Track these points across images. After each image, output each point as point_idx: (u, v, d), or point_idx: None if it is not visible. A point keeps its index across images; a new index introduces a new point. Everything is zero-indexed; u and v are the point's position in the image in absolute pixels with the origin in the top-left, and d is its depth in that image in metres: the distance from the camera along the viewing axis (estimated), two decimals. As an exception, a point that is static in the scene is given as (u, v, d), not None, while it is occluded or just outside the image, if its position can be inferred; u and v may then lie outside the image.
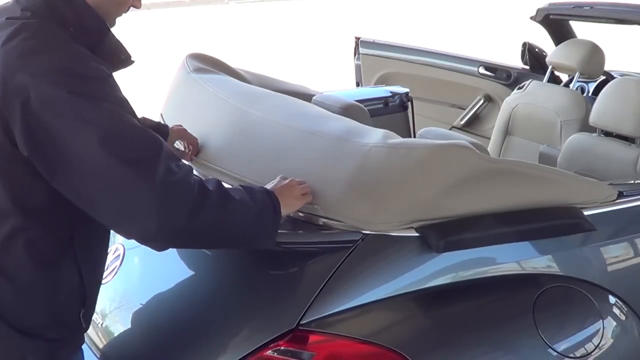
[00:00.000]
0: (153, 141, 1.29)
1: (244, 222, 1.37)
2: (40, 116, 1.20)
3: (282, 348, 1.39)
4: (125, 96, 1.33)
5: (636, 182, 2.20)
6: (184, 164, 1.33)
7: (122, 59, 1.42)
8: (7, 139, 1.25)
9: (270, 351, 1.39)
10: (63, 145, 1.21)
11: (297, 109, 1.86)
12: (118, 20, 1.43)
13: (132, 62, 1.45)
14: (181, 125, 1.86)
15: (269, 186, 1.49)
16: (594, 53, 3.41)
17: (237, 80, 2.17)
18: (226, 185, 1.39)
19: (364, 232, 1.49)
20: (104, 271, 1.54)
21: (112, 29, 1.42)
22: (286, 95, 2.01)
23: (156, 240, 1.29)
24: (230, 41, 11.91)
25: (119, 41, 1.42)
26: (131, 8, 1.44)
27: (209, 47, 9.50)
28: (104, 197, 1.24)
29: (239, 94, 1.95)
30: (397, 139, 1.58)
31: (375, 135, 1.59)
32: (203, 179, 1.34)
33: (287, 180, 1.51)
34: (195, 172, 1.38)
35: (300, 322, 1.40)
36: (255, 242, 1.43)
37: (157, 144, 1.28)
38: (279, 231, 1.51)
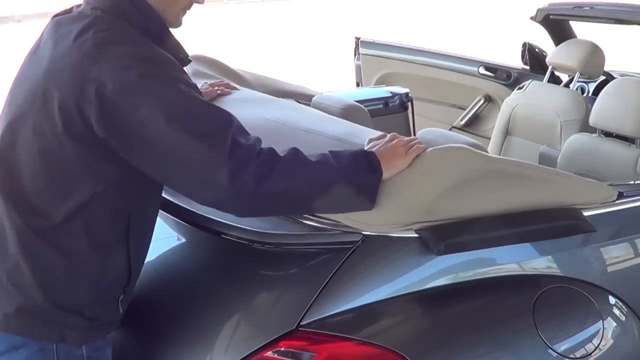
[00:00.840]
0: (221, 116, 1.38)
1: (326, 186, 1.40)
2: (116, 100, 1.29)
3: (282, 349, 1.39)
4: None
5: (636, 182, 2.19)
6: (253, 136, 1.40)
7: (181, 57, 1.50)
8: (82, 123, 1.32)
9: (270, 352, 1.39)
10: (138, 125, 1.30)
11: (294, 114, 1.86)
12: None
13: (190, 61, 1.55)
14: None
15: (374, 147, 1.50)
16: (594, 53, 3.41)
17: (234, 85, 2.17)
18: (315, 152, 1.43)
19: (363, 233, 1.50)
20: (144, 260, 1.57)
21: (176, 29, 1.51)
22: (284, 100, 2.01)
23: (231, 206, 1.38)
24: (230, 41, 11.91)
25: (178, 41, 1.51)
26: (194, 5, 1.50)
27: (209, 47, 9.50)
28: (177, 170, 1.35)
29: (238, 100, 1.95)
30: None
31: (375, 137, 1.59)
32: (275, 148, 1.39)
33: (393, 141, 1.52)
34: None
35: (300, 323, 1.40)
36: (354, 204, 1.44)
37: (225, 119, 1.37)
38: (279, 232, 1.52)
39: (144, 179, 1.40)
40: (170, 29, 1.49)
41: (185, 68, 2.14)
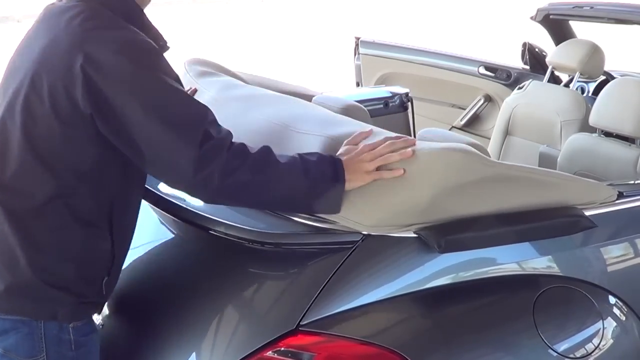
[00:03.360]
0: (196, 107, 1.44)
1: (290, 187, 1.45)
2: (101, 80, 1.35)
3: (282, 349, 1.39)
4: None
5: (636, 182, 2.20)
6: (225, 129, 1.45)
7: (161, 45, 1.54)
8: (69, 103, 1.37)
9: (270, 352, 1.39)
10: (119, 107, 1.36)
11: (298, 111, 1.86)
12: None
13: (168, 47, 1.58)
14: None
15: (344, 155, 1.52)
16: (594, 53, 3.41)
17: (237, 82, 2.17)
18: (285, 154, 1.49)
19: (363, 233, 1.50)
20: (128, 250, 1.60)
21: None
22: (287, 96, 2.01)
23: (197, 193, 1.47)
24: (229, 40, 11.91)
25: (157, 29, 1.56)
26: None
27: (209, 47, 9.50)
28: (150, 155, 1.41)
29: (239, 97, 1.95)
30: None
31: (375, 138, 1.59)
32: (246, 144, 1.46)
33: (357, 150, 1.52)
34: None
35: (300, 323, 1.40)
36: (314, 207, 1.49)
37: (199, 111, 1.44)
38: (279, 232, 1.52)
39: (125, 164, 1.46)
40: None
41: (187, 71, 2.16)
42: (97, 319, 1.68)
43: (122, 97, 1.36)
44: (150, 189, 1.75)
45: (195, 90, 2.02)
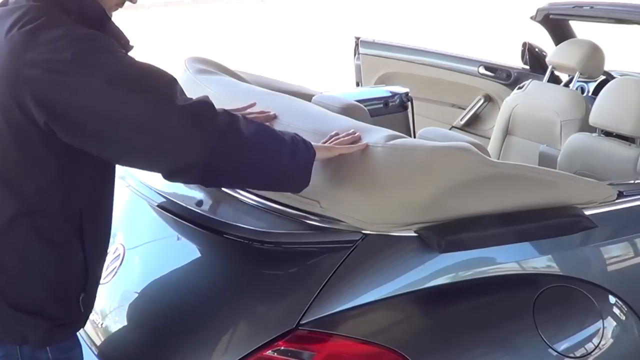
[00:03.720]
0: (164, 72, 1.34)
1: (276, 152, 1.40)
2: (53, 81, 1.25)
3: (282, 348, 1.39)
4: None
5: (636, 182, 2.19)
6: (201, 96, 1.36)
7: (122, 43, 1.44)
8: (21, 114, 1.27)
9: (270, 351, 1.39)
10: (82, 101, 1.25)
11: (298, 109, 1.86)
12: (119, 18, 1.47)
13: (132, 47, 1.47)
14: None
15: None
16: (594, 53, 3.41)
17: (237, 81, 2.17)
18: None
19: (364, 232, 1.50)
20: (105, 259, 1.54)
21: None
22: (286, 95, 2.01)
23: (196, 164, 1.31)
24: (229, 41, 11.90)
25: (118, 27, 1.45)
26: (127, 4, 1.48)
27: (209, 47, 9.50)
28: (134, 139, 1.28)
29: (239, 95, 1.95)
30: (398, 140, 1.58)
31: (376, 136, 1.59)
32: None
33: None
34: None
35: (300, 322, 1.40)
36: (292, 179, 1.45)
37: (169, 75, 1.33)
38: (279, 231, 1.52)
39: (91, 171, 1.39)
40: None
41: (187, 68, 2.15)
42: (95, 314, 1.68)
43: (81, 89, 1.25)
44: (150, 187, 1.75)
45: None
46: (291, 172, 1.44)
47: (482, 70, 4.19)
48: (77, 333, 1.52)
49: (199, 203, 1.78)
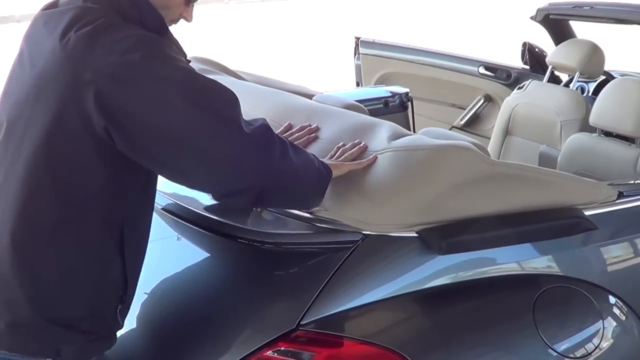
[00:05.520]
0: (230, 92, 1.31)
1: (312, 174, 1.42)
2: (117, 86, 1.20)
3: (282, 348, 1.39)
4: None
5: (636, 182, 2.19)
6: (257, 118, 1.36)
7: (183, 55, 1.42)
8: (79, 120, 1.23)
9: (270, 351, 1.39)
10: (145, 112, 1.22)
11: (300, 107, 1.86)
12: None
13: (189, 61, 1.42)
14: None
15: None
16: (594, 53, 3.41)
17: (238, 80, 2.17)
18: None
19: (364, 232, 1.50)
20: (141, 269, 1.49)
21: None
22: (288, 93, 2.01)
23: (251, 190, 1.32)
24: (229, 41, 11.90)
25: (176, 40, 1.42)
26: (182, 20, 1.45)
27: (209, 47, 9.49)
28: (194, 157, 1.25)
29: (241, 95, 1.95)
30: (399, 141, 1.58)
31: (379, 138, 1.59)
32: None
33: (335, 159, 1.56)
34: None
35: (301, 323, 1.40)
36: (315, 197, 1.46)
37: (234, 95, 1.31)
38: (279, 231, 1.52)
39: (138, 182, 1.36)
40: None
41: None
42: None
43: (148, 97, 1.21)
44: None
45: None
46: (317, 191, 1.46)
47: (482, 70, 4.19)
48: None
49: (200, 204, 1.78)
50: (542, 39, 4.03)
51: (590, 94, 3.86)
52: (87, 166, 1.28)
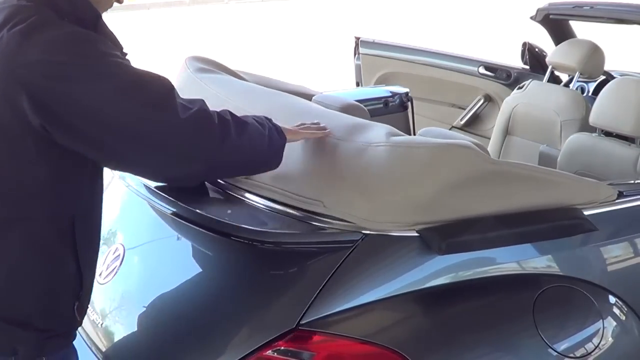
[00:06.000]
0: (164, 79, 1.34)
1: (260, 143, 1.47)
2: (51, 85, 1.21)
3: (282, 348, 1.39)
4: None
5: (636, 182, 2.19)
6: (195, 99, 1.38)
7: (118, 48, 1.41)
8: (14, 117, 1.23)
9: (270, 351, 1.39)
10: (81, 107, 1.23)
11: (298, 108, 1.87)
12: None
13: (126, 53, 1.43)
14: None
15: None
16: (594, 53, 3.41)
17: (237, 80, 2.17)
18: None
19: (364, 232, 1.50)
20: (96, 264, 1.51)
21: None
22: (286, 94, 2.02)
23: (197, 174, 1.40)
24: (229, 41, 11.91)
25: (111, 31, 1.42)
26: (115, 4, 1.44)
27: (209, 47, 9.50)
28: (139, 149, 1.29)
29: (240, 94, 1.96)
30: (400, 137, 1.58)
31: (377, 134, 1.59)
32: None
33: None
34: None
35: (300, 322, 1.40)
36: (269, 164, 1.54)
37: (167, 82, 1.34)
38: (279, 231, 1.51)
39: (83, 176, 1.36)
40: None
41: (187, 66, 2.15)
42: (95, 313, 1.68)
43: (79, 94, 1.22)
44: (150, 187, 1.75)
45: None
46: (269, 158, 1.53)
47: (482, 70, 4.19)
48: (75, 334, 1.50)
49: (199, 203, 1.78)
50: (542, 39, 4.03)
51: (590, 94, 3.86)
52: (28, 164, 1.28)
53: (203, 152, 1.34)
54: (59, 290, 1.38)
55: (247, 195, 1.70)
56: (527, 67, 4.14)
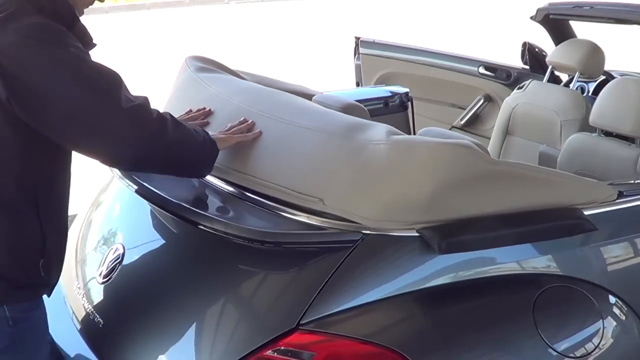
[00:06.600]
0: (114, 74, 1.51)
1: (192, 147, 1.61)
2: (16, 65, 1.38)
3: (282, 348, 1.39)
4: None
5: (636, 182, 2.19)
6: (141, 95, 1.54)
7: (87, 41, 1.58)
8: None
9: (270, 351, 1.39)
10: (40, 88, 1.40)
11: (299, 107, 1.87)
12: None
13: (95, 45, 1.61)
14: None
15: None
16: (594, 53, 3.41)
17: (238, 79, 2.18)
18: None
19: (364, 232, 1.50)
20: (65, 227, 1.64)
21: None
22: (287, 93, 2.02)
23: (130, 159, 1.52)
24: (229, 41, 11.91)
25: (85, 27, 1.58)
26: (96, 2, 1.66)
27: (209, 48, 9.50)
28: (82, 128, 1.45)
29: (241, 93, 1.96)
30: (400, 136, 1.58)
31: (377, 132, 1.59)
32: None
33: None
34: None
35: (300, 322, 1.40)
36: (199, 169, 1.69)
37: (118, 76, 1.51)
38: (278, 230, 1.51)
39: (47, 150, 1.50)
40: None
41: (187, 66, 2.15)
42: (95, 313, 1.68)
43: (38, 77, 1.39)
44: (150, 187, 1.75)
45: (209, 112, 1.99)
46: (200, 164, 1.67)
47: (482, 70, 4.19)
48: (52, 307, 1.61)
49: (199, 203, 1.78)
50: (542, 39, 4.03)
51: (590, 93, 3.86)
52: (0, 132, 1.44)
53: (137, 141, 1.48)
54: (23, 245, 1.53)
55: (248, 194, 1.70)
56: (527, 67, 4.14)
